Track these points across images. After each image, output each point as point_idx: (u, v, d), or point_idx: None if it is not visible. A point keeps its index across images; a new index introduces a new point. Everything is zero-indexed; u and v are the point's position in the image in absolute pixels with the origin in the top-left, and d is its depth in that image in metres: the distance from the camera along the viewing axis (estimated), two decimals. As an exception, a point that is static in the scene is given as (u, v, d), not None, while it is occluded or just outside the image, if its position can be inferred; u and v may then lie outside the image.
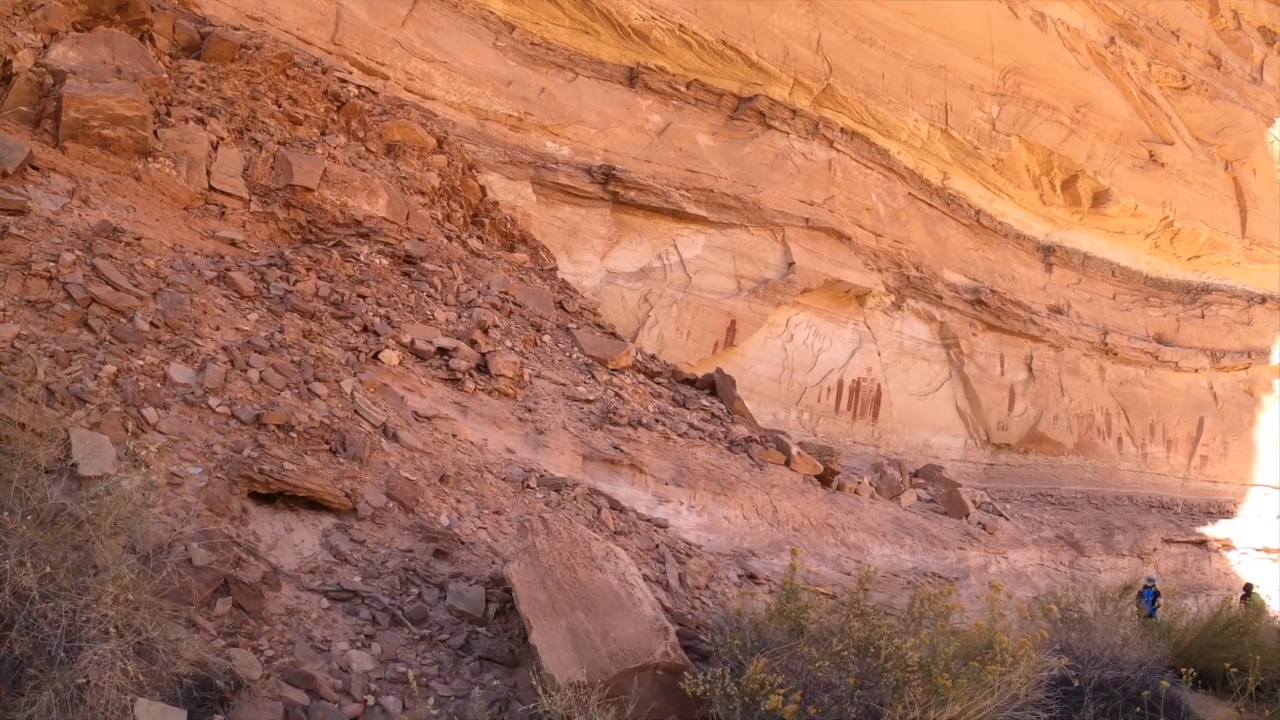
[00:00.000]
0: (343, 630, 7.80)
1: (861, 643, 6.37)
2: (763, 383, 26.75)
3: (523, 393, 16.01)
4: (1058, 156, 32.34)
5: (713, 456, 16.53)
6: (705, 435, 17.43)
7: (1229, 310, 38.12)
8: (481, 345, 16.48)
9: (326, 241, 17.92)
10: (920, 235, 30.06)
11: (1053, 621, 11.43)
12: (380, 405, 12.29)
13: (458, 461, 12.08)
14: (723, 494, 15.65)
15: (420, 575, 8.69)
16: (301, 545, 9.09)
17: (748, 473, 16.80)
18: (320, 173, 18.29)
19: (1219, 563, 33.86)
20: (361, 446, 10.72)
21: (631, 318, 25.23)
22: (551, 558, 7.24)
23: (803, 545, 16.09)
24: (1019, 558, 24.00)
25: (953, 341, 30.29)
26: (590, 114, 26.17)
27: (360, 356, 13.94)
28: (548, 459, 14.27)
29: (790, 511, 16.78)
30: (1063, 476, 32.63)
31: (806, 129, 28.19)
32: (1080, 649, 10.33)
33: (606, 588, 6.90)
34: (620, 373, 19.23)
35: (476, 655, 7.63)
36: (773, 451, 18.24)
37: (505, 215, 23.96)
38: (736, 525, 15.51)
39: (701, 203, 26.12)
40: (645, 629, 6.54)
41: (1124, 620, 13.56)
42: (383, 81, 23.74)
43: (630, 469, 14.87)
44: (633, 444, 15.52)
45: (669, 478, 15.26)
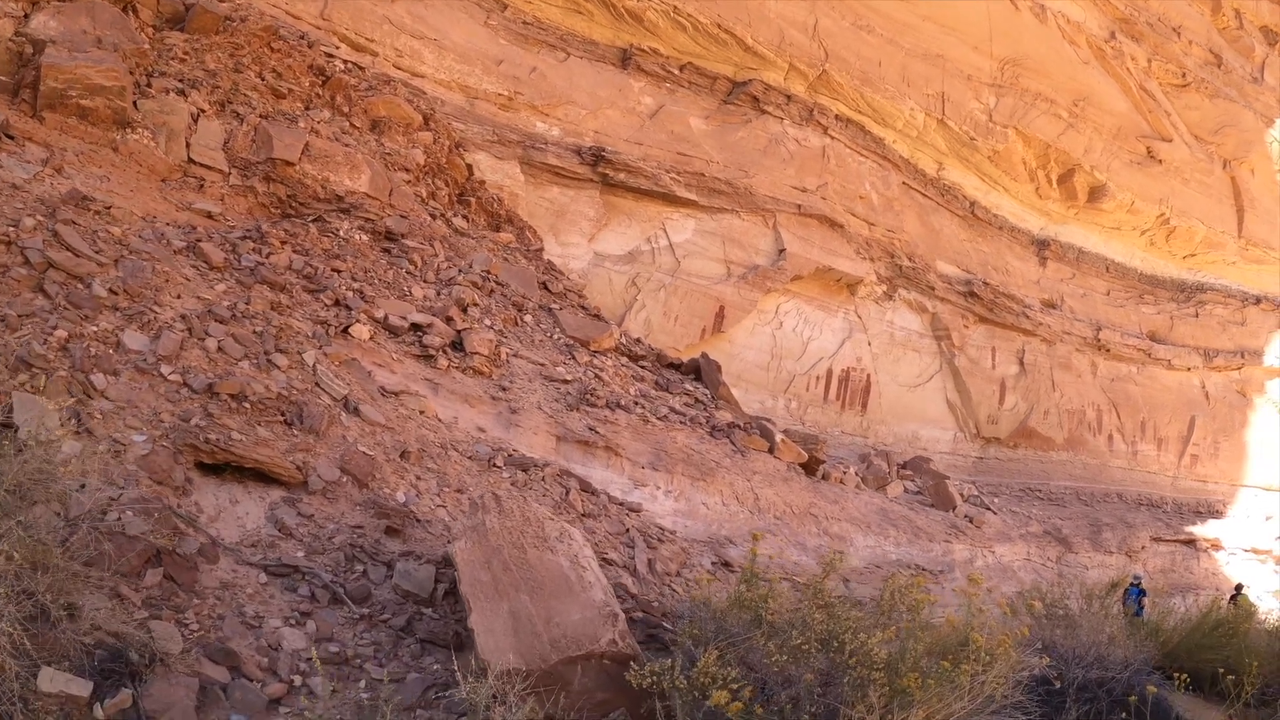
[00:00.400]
0: (278, 607, 7.34)
1: (824, 636, 5.82)
2: (751, 370, 26.20)
3: (499, 371, 15.52)
4: (1055, 150, 31.77)
5: (693, 441, 16.00)
6: (687, 420, 16.90)
7: (1223, 310, 37.59)
8: (458, 322, 16.02)
9: (306, 216, 17.45)
10: (914, 225, 29.49)
11: (1036, 618, 10.94)
12: (344, 379, 11.77)
13: (422, 438, 11.56)
14: (702, 480, 15.12)
15: (368, 552, 8.18)
16: (246, 518, 8.61)
17: (729, 459, 16.27)
18: (302, 147, 17.83)
19: (1207, 562, 33.41)
20: (319, 419, 10.22)
21: (618, 301, 24.67)
22: (501, 537, 6.72)
23: (784, 534, 15.57)
24: (1006, 552, 23.51)
25: (944, 333, 29.74)
26: (581, 95, 25.58)
27: (329, 330, 13.46)
28: (520, 439, 13.75)
29: (772, 499, 16.25)
30: (1052, 472, 32.12)
31: (801, 115, 27.60)
32: (1064, 647, 9.81)
33: (556, 570, 6.39)
34: (602, 355, 18.70)
35: (418, 637, 7.13)
36: (756, 438, 17.71)
37: (492, 195, 23.48)
38: (715, 512, 14.98)
39: (692, 186, 25.54)
40: (593, 615, 6.03)
41: (1110, 618, 13.07)
42: (371, 58, 23.20)
43: (606, 451, 14.34)
44: (610, 426, 14.99)
45: (646, 461, 14.73)
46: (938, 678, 5.46)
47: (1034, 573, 24.34)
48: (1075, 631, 10.28)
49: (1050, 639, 10.08)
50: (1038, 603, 10.22)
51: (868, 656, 5.48)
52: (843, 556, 7.14)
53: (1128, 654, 10.50)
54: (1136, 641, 11.50)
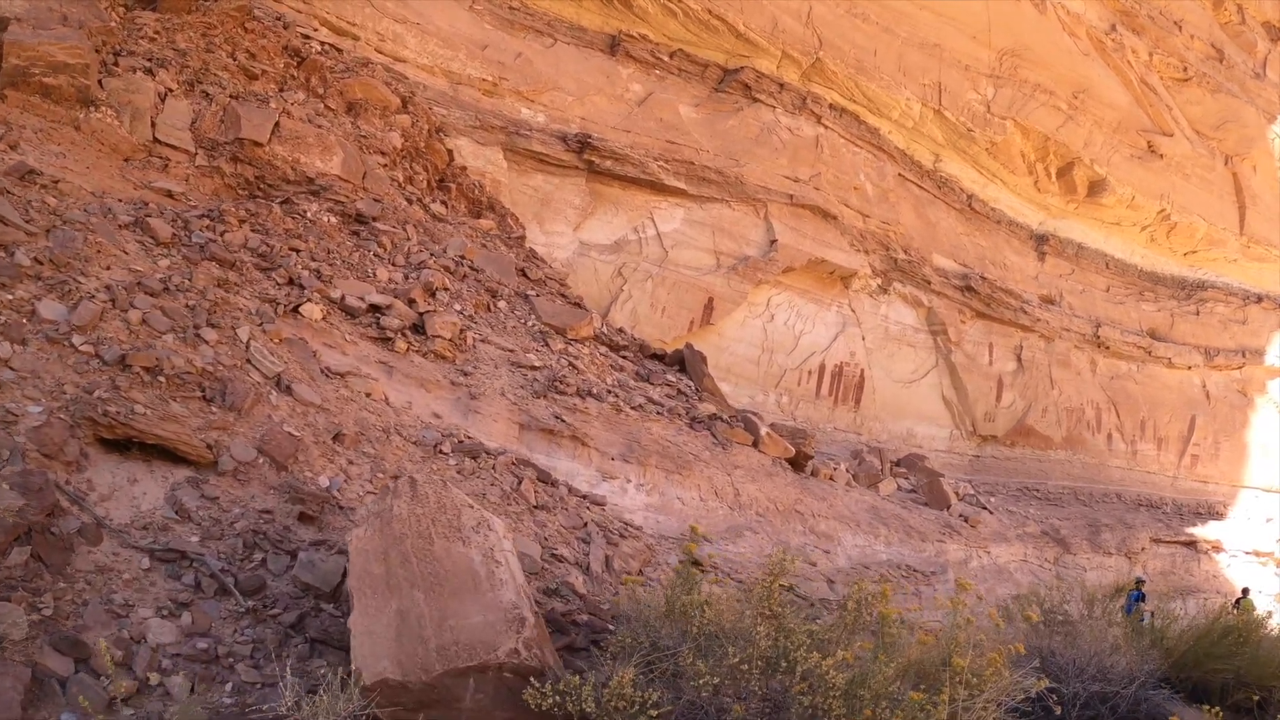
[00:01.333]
0: (154, 596, 6.41)
1: (769, 654, 4.66)
2: (740, 363, 25.07)
3: (462, 356, 14.49)
4: (1054, 143, 30.60)
5: (670, 433, 14.86)
6: (665, 411, 15.76)
7: (1224, 308, 36.37)
8: (420, 305, 15.01)
9: (274, 198, 16.49)
10: (909, 218, 28.35)
11: (1033, 626, 9.83)
12: (282, 357, 10.70)
13: (362, 420, 10.50)
14: (677, 473, 13.99)
15: (271, 540, 7.10)
16: (143, 498, 7.61)
17: (708, 452, 15.13)
18: (271, 127, 17.00)
19: (1208, 565, 32.22)
20: (243, 397, 9.17)
21: (604, 291, 23.56)
22: (408, 525, 5.62)
23: (766, 532, 14.43)
24: (1002, 553, 22.37)
25: (940, 328, 28.57)
26: (568, 81, 24.51)
27: (277, 309, 12.52)
28: (479, 426, 12.68)
29: (754, 495, 15.11)
30: (1050, 471, 30.94)
31: (794, 103, 26.48)
32: (1063, 658, 8.69)
33: (464, 564, 5.31)
34: (579, 343, 17.60)
35: (310, 636, 6.06)
36: (739, 431, 16.57)
37: (473, 181, 22.56)
38: (692, 507, 13.85)
39: (681, 175, 24.44)
40: (496, 618, 4.94)
41: (1114, 625, 11.95)
42: (353, 42, 22.33)
43: (572, 441, 13.23)
44: (579, 415, 13.88)
45: (617, 453, 13.62)
46: (905, 714, 4.29)
47: (1031, 574, 23.19)
48: (1076, 641, 9.16)
49: (1048, 648, 8.97)
50: (1034, 613, 9.06)
51: (823, 681, 4.33)
52: (791, 556, 5.97)
53: (1132, 665, 9.41)
54: (1140, 650, 10.41)
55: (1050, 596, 12.04)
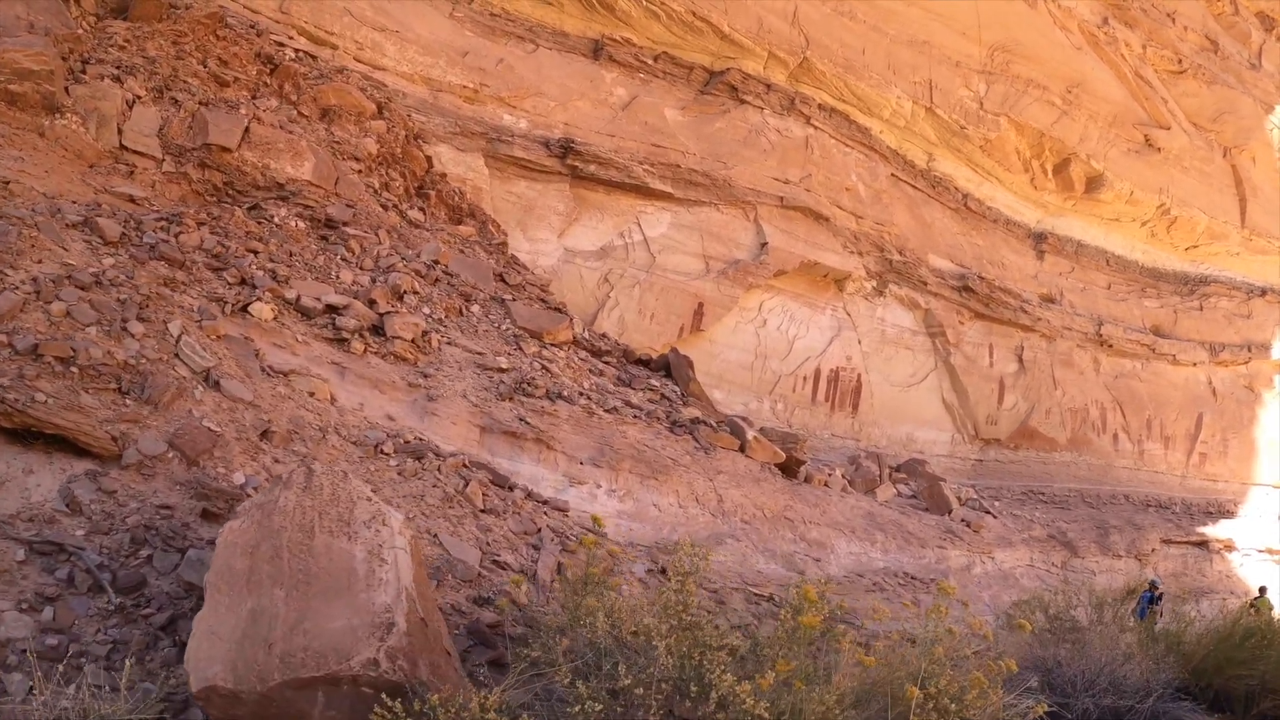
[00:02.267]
0: (21, 589, 5.91)
1: (676, 674, 3.75)
2: (733, 370, 24.18)
3: (425, 358, 13.79)
4: (1049, 139, 29.70)
5: (648, 436, 13.97)
6: (644, 414, 14.87)
7: (1228, 302, 35.32)
8: (381, 306, 14.40)
9: (243, 204, 16.17)
10: (904, 218, 27.47)
11: (1038, 634, 8.92)
12: (215, 352, 10.00)
13: (297, 419, 9.76)
14: (653, 478, 13.09)
15: (163, 536, 6.43)
16: (35, 489, 7.08)
17: (689, 456, 14.23)
18: (240, 132, 16.67)
19: (1221, 564, 31.10)
20: (163, 390, 8.57)
21: (590, 299, 22.73)
22: (291, 517, 4.86)
23: (750, 540, 13.52)
24: (1006, 558, 21.39)
25: (938, 330, 27.63)
26: (551, 86, 23.78)
27: (224, 307, 12.08)
28: (435, 428, 11.88)
29: (739, 501, 14.20)
30: (1055, 474, 29.91)
31: (782, 104, 25.69)
32: (1070, 670, 7.77)
33: (342, 562, 4.57)
34: (558, 347, 16.78)
35: (181, 639, 5.27)
36: (724, 435, 15.68)
37: (453, 188, 21.93)
38: (669, 514, 12.94)
39: (667, 179, 23.64)
40: (362, 623, 4.17)
41: (1126, 630, 11.04)
42: (331, 51, 21.81)
43: (536, 444, 12.37)
44: (547, 418, 13.02)
45: (587, 457, 12.74)
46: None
47: (1037, 579, 22.18)
48: (1084, 650, 8.24)
49: (1053, 659, 8.06)
50: (1027, 623, 8.15)
51: (743, 712, 3.41)
52: (695, 546, 5.08)
53: (1147, 674, 8.50)
54: (1156, 657, 9.50)
55: (1055, 601, 11.15)
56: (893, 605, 14.02)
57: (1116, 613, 11.63)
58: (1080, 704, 7.68)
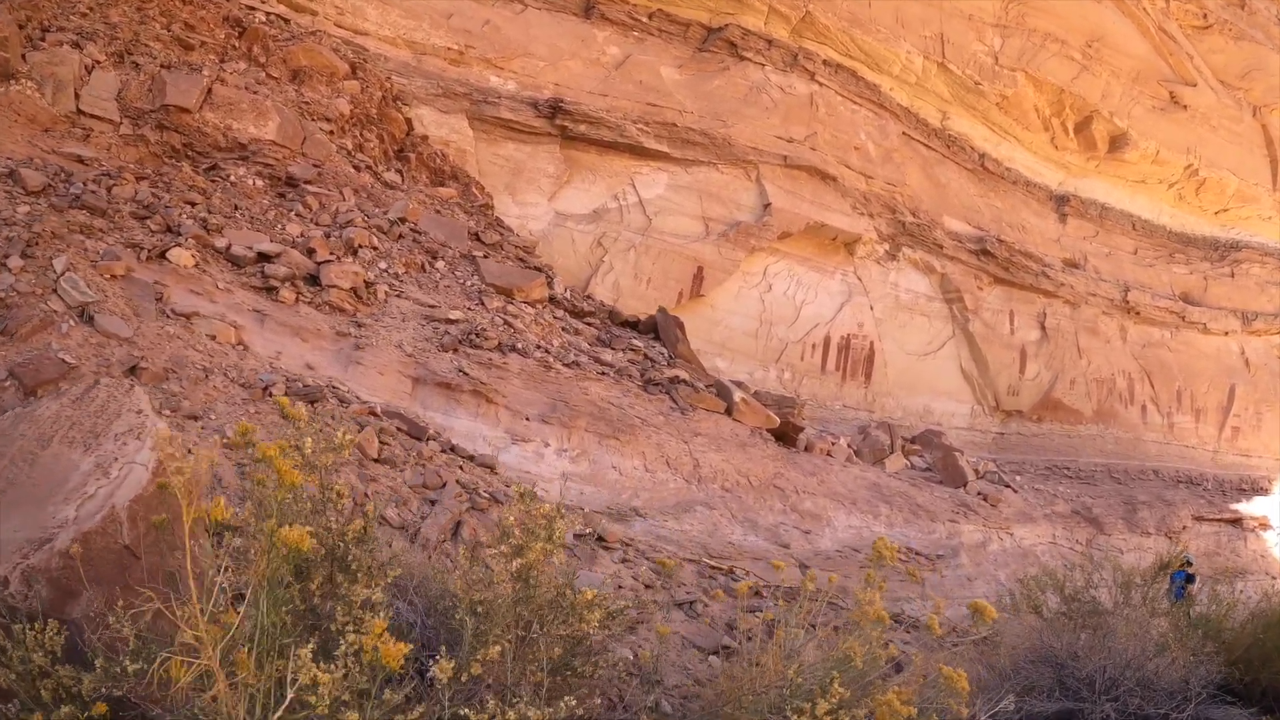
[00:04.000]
0: None
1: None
2: (736, 337, 21.99)
3: (367, 309, 12.43)
4: (1069, 95, 27.19)
5: (614, 394, 11.90)
6: (614, 371, 12.82)
7: (1260, 269, 32.53)
8: (320, 255, 12.96)
9: (202, 165, 15.24)
10: (917, 179, 25.11)
11: (1048, 620, 6.79)
12: (101, 290, 8.94)
13: (179, 358, 8.89)
14: (614, 438, 11.07)
15: None
16: None
17: (662, 416, 12.14)
18: (199, 93, 15.74)
19: (1255, 543, 28.45)
20: (24, 322, 8.18)
21: (583, 263, 20.66)
22: (38, 426, 4.11)
23: (729, 509, 11.39)
24: (1026, 534, 19.07)
25: (955, 296, 25.26)
26: (540, 46, 21.74)
27: (141, 253, 11.27)
28: (359, 378, 10.35)
29: (719, 467, 12.07)
30: (1081, 448, 27.43)
31: (784, 60, 23.43)
32: (1089, 664, 5.64)
33: (60, 473, 3.72)
34: (530, 305, 14.78)
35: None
36: (708, 396, 13.55)
37: (436, 150, 20.26)
38: (632, 478, 10.90)
39: (663, 138, 21.50)
40: (25, 537, 3.25)
41: (1158, 615, 8.76)
42: (311, 17, 20.15)
43: (474, 397, 10.48)
44: (495, 371, 11.08)
45: (536, 413, 10.80)
46: None
47: (1061, 558, 19.82)
48: (1107, 639, 6.08)
49: (1068, 650, 5.90)
50: (990, 612, 5.91)
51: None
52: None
53: (1185, 669, 6.33)
54: (1193, 647, 7.30)
55: (1072, 579, 8.93)
56: (890, 583, 11.83)
57: (1146, 594, 9.31)
58: (1099, 710, 5.58)
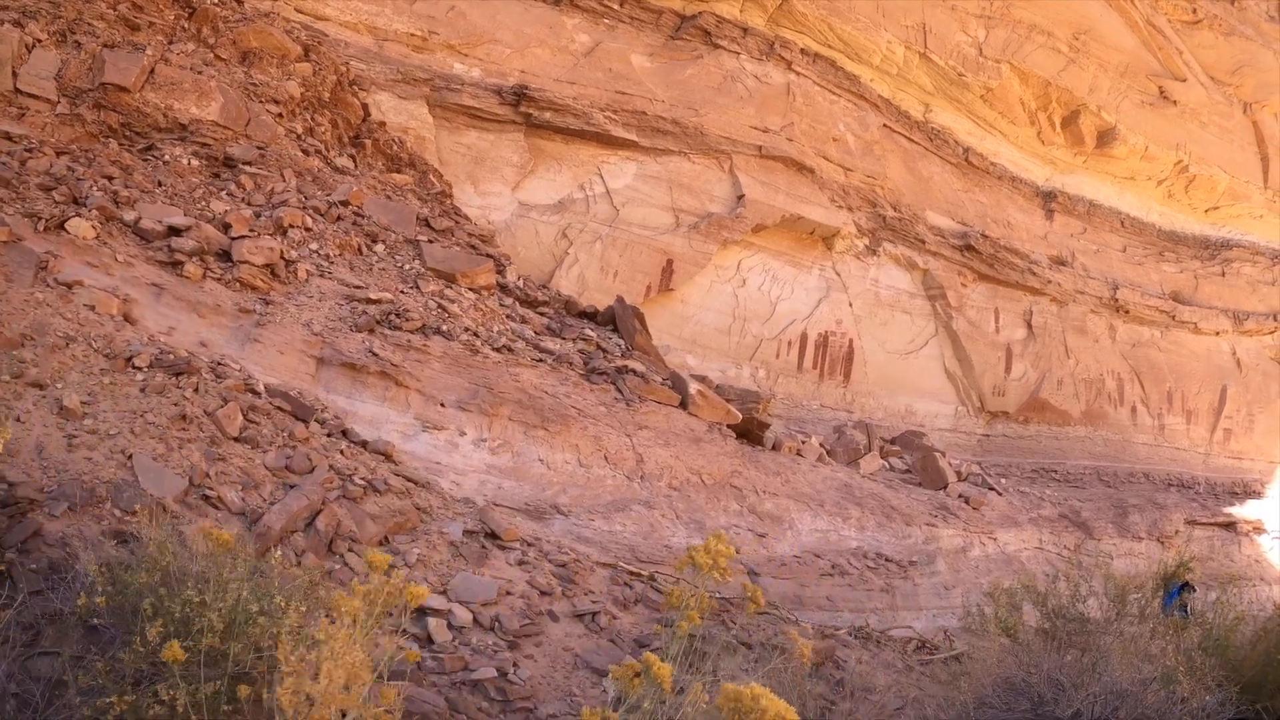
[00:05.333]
0: None
1: None
2: (708, 333, 20.58)
3: (284, 287, 11.56)
4: (1055, 88, 25.83)
5: (550, 382, 10.50)
6: (553, 358, 11.41)
7: (1252, 269, 31.13)
8: (236, 231, 11.95)
9: (139, 145, 14.44)
10: (898, 172, 23.74)
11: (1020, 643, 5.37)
12: None
13: (42, 325, 8.04)
14: (542, 428, 9.71)
15: None
16: None
17: (604, 408, 10.73)
18: (140, 72, 14.94)
19: (1250, 548, 26.96)
20: None
21: (547, 255, 19.28)
22: None
23: (672, 509, 9.96)
24: (1011, 539, 17.62)
25: (938, 292, 23.85)
26: (506, 33, 20.44)
27: (39, 223, 10.54)
28: (256, 356, 9.58)
29: (667, 463, 10.65)
30: (1069, 450, 26.00)
31: (760, 49, 22.08)
32: (1076, 696, 4.23)
33: None
34: (474, 291, 13.40)
35: None
36: (659, 388, 12.13)
37: (393, 137, 19.07)
38: (562, 472, 9.53)
39: (631, 126, 20.15)
40: None
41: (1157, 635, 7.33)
42: (271, 3, 18.85)
43: (381, 379, 9.30)
44: (413, 353, 9.79)
45: (454, 399, 9.53)
46: None
47: (1047, 564, 18.36)
48: (1098, 663, 4.64)
49: (1049, 676, 4.48)
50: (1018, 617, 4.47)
51: None
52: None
53: (1190, 696, 4.92)
54: (1200, 669, 5.87)
55: (1055, 591, 7.49)
56: (855, 592, 10.40)
57: (1145, 608, 7.83)
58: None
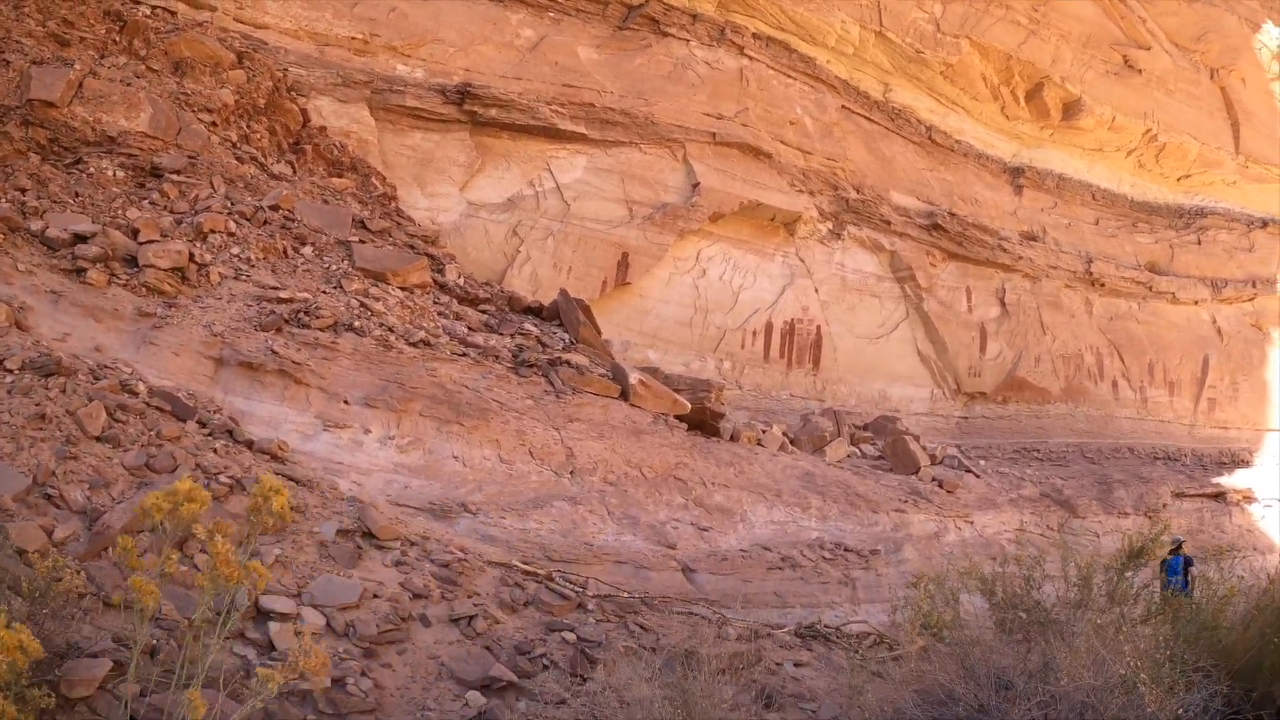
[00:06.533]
0: None
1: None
2: (669, 327, 19.86)
3: (192, 291, 11.18)
4: (1017, 62, 25.16)
5: (471, 376, 9.83)
6: (478, 352, 10.72)
7: (1228, 235, 30.46)
8: (145, 236, 11.67)
9: (66, 159, 14.29)
10: (860, 153, 23.04)
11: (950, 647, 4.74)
12: None
13: None
14: (457, 423, 9.10)
15: None
16: None
17: (530, 401, 10.03)
18: (66, 87, 14.75)
19: (1241, 517, 26.21)
20: None
21: (498, 255, 18.56)
22: None
23: (604, 504, 9.24)
24: (990, 522, 16.90)
25: (907, 274, 23.15)
26: (449, 32, 19.74)
27: None
28: (150, 359, 9.38)
29: (602, 457, 9.93)
30: (1050, 428, 25.29)
31: (711, 35, 21.39)
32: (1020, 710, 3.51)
33: None
34: (406, 290, 12.70)
35: None
36: (596, 379, 11.41)
37: (334, 142, 18.49)
38: (480, 469, 8.88)
39: (580, 119, 19.44)
40: None
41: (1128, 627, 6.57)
42: (210, 13, 18.34)
43: (280, 378, 8.86)
44: (320, 351, 9.30)
45: (360, 396, 8.99)
46: None
47: (1030, 545, 17.66)
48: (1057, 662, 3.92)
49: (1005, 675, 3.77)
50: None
51: None
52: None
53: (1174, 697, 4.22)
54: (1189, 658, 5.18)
55: (1005, 578, 6.79)
56: (809, 586, 9.66)
57: (1115, 590, 7.15)
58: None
